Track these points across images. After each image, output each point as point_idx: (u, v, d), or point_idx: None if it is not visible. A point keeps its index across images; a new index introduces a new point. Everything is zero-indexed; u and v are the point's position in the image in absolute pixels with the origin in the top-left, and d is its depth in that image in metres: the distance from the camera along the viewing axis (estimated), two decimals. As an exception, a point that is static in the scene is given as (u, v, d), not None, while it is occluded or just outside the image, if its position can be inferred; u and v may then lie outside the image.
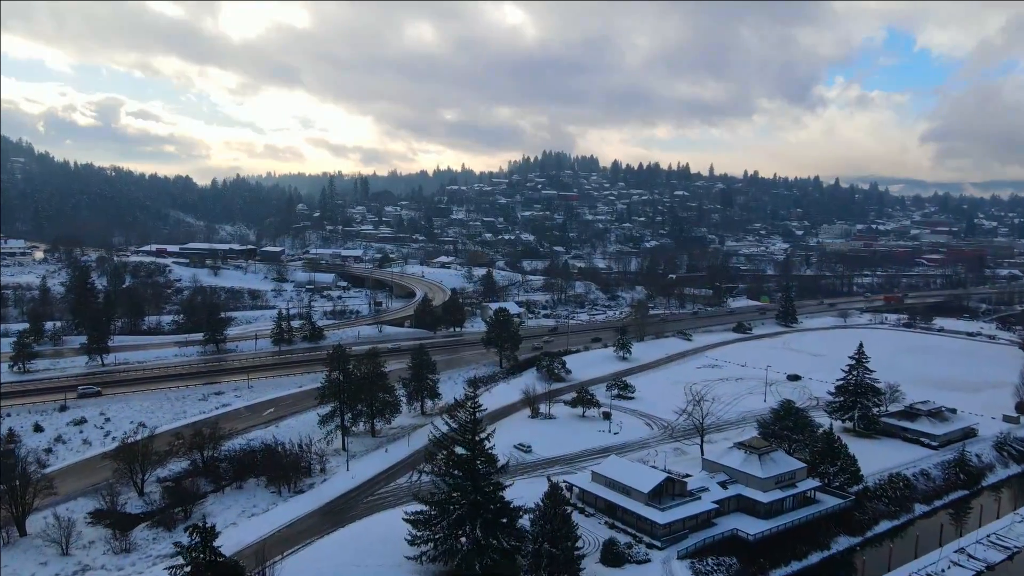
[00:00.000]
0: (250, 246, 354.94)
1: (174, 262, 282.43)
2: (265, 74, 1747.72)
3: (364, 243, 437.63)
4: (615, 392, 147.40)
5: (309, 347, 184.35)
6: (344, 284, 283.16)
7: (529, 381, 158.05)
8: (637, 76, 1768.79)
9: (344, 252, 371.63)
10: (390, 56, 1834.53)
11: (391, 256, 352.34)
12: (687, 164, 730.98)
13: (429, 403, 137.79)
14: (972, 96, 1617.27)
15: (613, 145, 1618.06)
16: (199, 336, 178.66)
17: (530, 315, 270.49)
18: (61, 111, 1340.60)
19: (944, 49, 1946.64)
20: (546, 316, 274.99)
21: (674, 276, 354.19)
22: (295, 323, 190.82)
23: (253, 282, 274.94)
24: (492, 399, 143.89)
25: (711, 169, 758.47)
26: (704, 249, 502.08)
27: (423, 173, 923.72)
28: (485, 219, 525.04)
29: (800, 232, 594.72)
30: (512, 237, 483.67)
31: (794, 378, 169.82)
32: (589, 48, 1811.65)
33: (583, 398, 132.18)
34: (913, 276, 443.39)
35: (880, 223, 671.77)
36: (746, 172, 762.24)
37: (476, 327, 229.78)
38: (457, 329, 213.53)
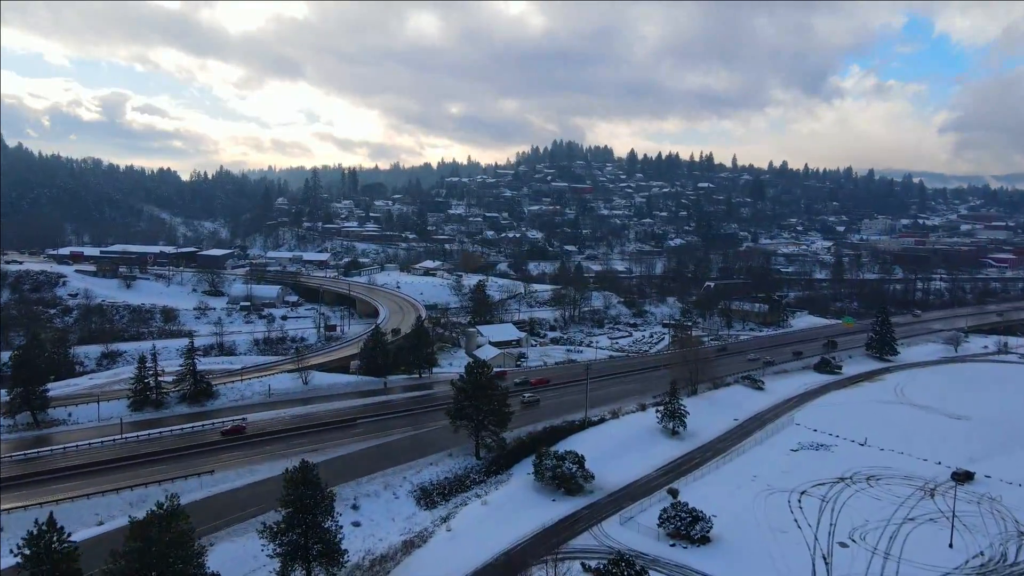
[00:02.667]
0: (191, 248, 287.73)
1: (78, 271, 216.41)
2: (267, 67, 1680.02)
3: (346, 242, 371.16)
4: (672, 527, 79.19)
5: (190, 413, 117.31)
6: (293, 299, 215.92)
7: (521, 493, 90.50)
8: (647, 67, 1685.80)
9: (307, 255, 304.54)
10: (393, 48, 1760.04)
11: (361, 260, 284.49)
12: (710, 154, 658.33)
13: (320, 571, 69.94)
14: (995, 85, 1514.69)
15: (622, 139, 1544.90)
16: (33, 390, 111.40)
17: (534, 340, 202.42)
18: (66, 106, 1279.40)
19: (965, 35, 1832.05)
20: (555, 342, 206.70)
21: (711, 284, 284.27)
22: (160, 371, 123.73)
23: (175, 297, 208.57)
24: (448, 552, 75.77)
25: (734, 160, 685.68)
26: (736, 248, 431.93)
27: (427, 166, 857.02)
28: (488, 214, 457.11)
29: (841, 228, 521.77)
30: (517, 235, 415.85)
31: (964, 477, 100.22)
32: (597, 39, 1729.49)
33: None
34: (986, 280, 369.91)
35: (924, 217, 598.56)
36: (771, 163, 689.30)
37: (458, 366, 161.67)
38: (426, 374, 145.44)
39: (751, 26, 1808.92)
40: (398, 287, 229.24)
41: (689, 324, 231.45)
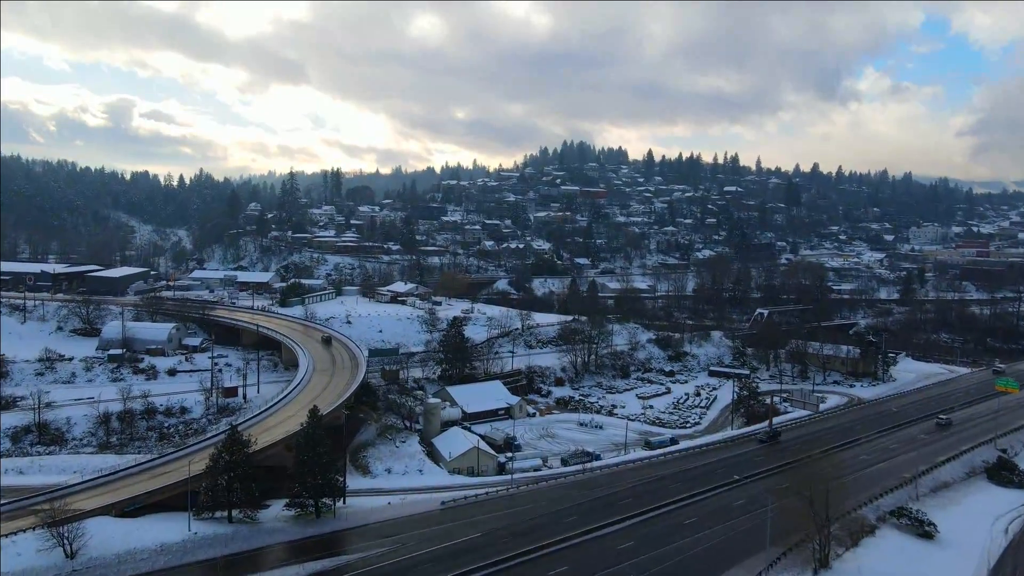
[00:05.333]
0: (88, 267, 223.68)
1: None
2: (269, 70, 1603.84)
3: (316, 254, 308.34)
4: None
5: None
6: (196, 342, 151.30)
7: None
8: (657, 69, 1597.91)
9: (244, 276, 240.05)
10: (397, 50, 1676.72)
11: (309, 284, 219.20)
12: (735, 155, 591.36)
13: None
14: (1018, 86, 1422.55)
15: (631, 144, 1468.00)
16: None
17: (533, 405, 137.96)
18: (72, 112, 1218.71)
19: (983, 34, 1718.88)
20: (563, 404, 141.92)
21: (764, 312, 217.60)
22: None
23: (27, 339, 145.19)
24: None
25: (758, 162, 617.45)
26: (774, 260, 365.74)
27: (429, 170, 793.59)
28: (488, 221, 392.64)
29: (890, 237, 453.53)
30: (521, 245, 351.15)
31: None
32: (605, 40, 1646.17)
33: None
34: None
35: (973, 224, 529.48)
36: (798, 166, 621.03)
37: (400, 474, 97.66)
38: (337, 503, 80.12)
39: (764, 27, 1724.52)
40: (348, 322, 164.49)
41: (747, 374, 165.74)
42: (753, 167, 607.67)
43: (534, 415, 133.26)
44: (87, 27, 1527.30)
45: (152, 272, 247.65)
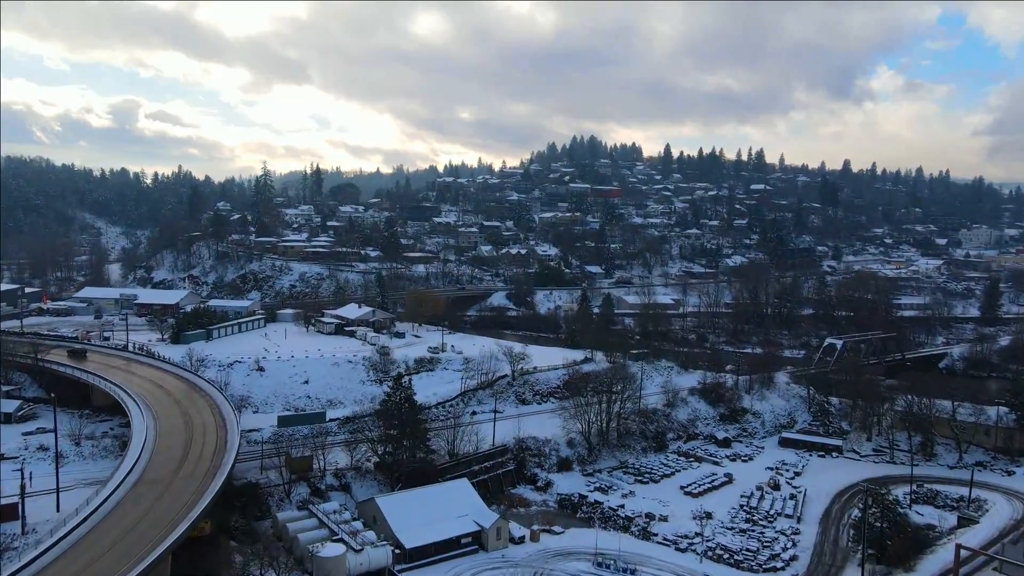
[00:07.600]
0: None
1: None
2: (272, 70, 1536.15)
3: (280, 261, 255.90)
4: None
5: None
6: (12, 407, 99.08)
7: None
8: (665, 69, 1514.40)
9: (147, 295, 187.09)
10: (399, 49, 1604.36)
11: (218, 308, 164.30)
12: (760, 150, 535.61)
13: None
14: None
15: (640, 143, 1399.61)
16: None
17: (520, 512, 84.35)
18: (76, 112, 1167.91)
19: (1002, 28, 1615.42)
20: (570, 509, 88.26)
21: (837, 342, 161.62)
22: None
23: None
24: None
25: (781, 159, 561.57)
26: (816, 267, 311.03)
27: (432, 169, 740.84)
28: (487, 223, 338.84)
29: (942, 241, 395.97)
30: (523, 250, 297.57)
31: None
32: (611, 38, 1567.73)
33: None
34: None
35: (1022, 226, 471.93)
36: (823, 163, 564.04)
37: None
38: None
39: (775, 25, 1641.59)
40: (259, 369, 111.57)
41: (838, 444, 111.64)
42: (776, 164, 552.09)
43: (522, 540, 79.60)
44: (85, 26, 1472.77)
45: (28, 291, 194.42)
